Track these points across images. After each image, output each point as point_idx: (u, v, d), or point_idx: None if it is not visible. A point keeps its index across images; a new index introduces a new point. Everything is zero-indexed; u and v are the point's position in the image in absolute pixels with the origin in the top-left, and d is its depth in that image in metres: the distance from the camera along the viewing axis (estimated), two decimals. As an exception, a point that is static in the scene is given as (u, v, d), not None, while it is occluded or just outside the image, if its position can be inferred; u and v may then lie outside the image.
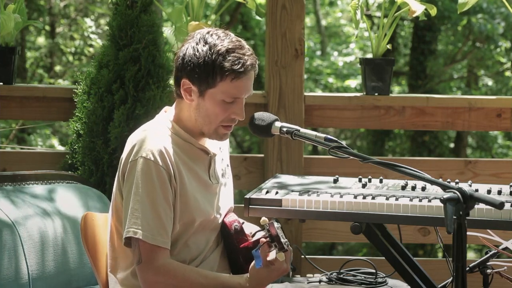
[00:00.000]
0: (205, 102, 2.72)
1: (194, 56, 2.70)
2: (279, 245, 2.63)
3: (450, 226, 2.25)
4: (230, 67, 2.67)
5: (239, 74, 2.68)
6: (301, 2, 4.35)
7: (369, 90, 4.34)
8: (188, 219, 2.74)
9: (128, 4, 4.01)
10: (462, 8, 4.20)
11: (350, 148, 2.64)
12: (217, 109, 2.72)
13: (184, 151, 2.76)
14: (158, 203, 2.66)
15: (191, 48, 2.71)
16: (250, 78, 2.74)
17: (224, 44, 2.69)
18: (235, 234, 2.86)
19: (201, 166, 2.81)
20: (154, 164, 2.66)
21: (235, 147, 13.18)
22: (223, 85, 2.69)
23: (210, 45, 2.69)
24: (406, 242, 4.05)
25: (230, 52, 2.69)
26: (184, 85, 2.73)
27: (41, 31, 11.38)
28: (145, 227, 2.65)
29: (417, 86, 11.41)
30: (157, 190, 2.66)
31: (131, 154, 2.71)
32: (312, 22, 13.88)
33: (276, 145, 4.31)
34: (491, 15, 11.24)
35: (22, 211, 3.19)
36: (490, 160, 4.93)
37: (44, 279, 3.14)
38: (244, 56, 2.70)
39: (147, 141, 2.70)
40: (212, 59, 2.68)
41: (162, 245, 2.67)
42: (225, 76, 2.68)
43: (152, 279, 2.67)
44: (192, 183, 2.76)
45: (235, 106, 2.74)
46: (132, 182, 2.68)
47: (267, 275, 2.70)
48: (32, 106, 4.31)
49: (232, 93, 2.71)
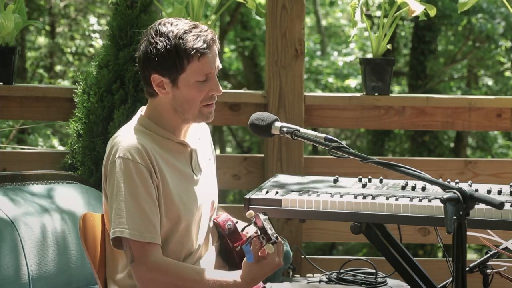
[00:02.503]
0: (180, 89, 2.72)
1: (155, 49, 2.69)
2: (266, 236, 2.62)
3: (450, 226, 2.25)
4: (193, 47, 2.67)
5: (204, 51, 2.68)
6: (301, 2, 4.35)
7: (369, 90, 4.34)
8: (173, 214, 2.73)
9: (128, 4, 4.01)
10: (463, 8, 4.21)
11: (350, 148, 2.64)
12: (194, 92, 2.72)
13: (163, 147, 2.76)
14: (141, 200, 2.66)
15: (149, 43, 2.71)
16: (215, 52, 2.74)
17: (179, 28, 2.69)
18: (228, 233, 2.86)
19: (182, 160, 2.80)
20: (132, 163, 2.66)
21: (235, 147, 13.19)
22: (192, 66, 2.69)
23: (166, 34, 2.69)
24: (406, 242, 4.05)
25: (188, 33, 2.69)
26: (154, 80, 2.72)
27: (41, 31, 11.38)
28: (131, 225, 2.64)
29: (417, 86, 11.41)
30: (139, 188, 2.66)
31: (110, 156, 2.71)
32: (312, 22, 13.89)
33: (276, 145, 4.31)
34: (491, 15, 11.25)
35: (22, 211, 3.19)
36: (490, 160, 4.94)
37: (44, 279, 3.14)
38: (202, 32, 2.70)
39: (123, 141, 2.70)
40: (174, 45, 2.67)
41: (151, 241, 2.65)
42: (191, 57, 2.68)
43: (146, 276, 2.66)
44: (174, 178, 2.75)
45: (209, 83, 2.73)
46: (113, 184, 2.67)
47: (259, 269, 2.69)
48: (32, 106, 4.31)
49: (203, 70, 2.70)
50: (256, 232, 2.64)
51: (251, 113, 2.85)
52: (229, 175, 4.34)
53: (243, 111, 4.34)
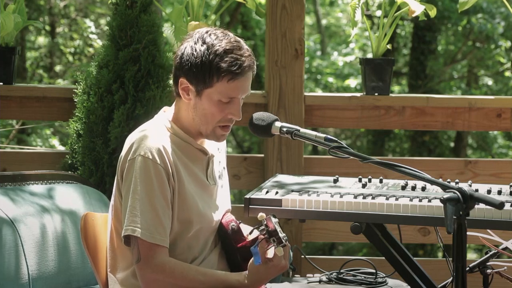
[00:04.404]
0: (202, 101, 2.73)
1: (192, 56, 2.70)
2: (277, 239, 2.63)
3: (450, 226, 2.25)
4: (227, 68, 2.68)
5: (235, 75, 2.69)
6: (301, 2, 4.35)
7: (369, 90, 4.34)
8: (185, 218, 2.74)
9: (128, 4, 4.01)
10: (463, 7, 4.21)
11: (350, 148, 2.64)
12: (214, 109, 2.73)
13: (183, 151, 2.77)
14: (156, 202, 2.67)
15: (189, 48, 2.72)
16: (248, 79, 2.74)
17: (222, 45, 2.69)
18: (232, 234, 2.86)
19: (199, 166, 2.81)
20: (152, 163, 2.67)
21: (235, 147, 13.18)
22: (220, 86, 2.70)
23: (208, 45, 2.69)
24: (406, 242, 4.05)
25: (228, 52, 2.69)
26: (181, 84, 2.74)
27: (41, 31, 11.38)
28: (144, 225, 2.65)
29: (417, 86, 11.41)
30: (155, 189, 2.67)
31: (129, 153, 2.71)
32: (312, 22, 13.88)
33: (276, 145, 4.31)
34: (491, 15, 11.25)
35: (22, 211, 3.19)
36: (490, 160, 4.93)
37: (44, 279, 3.14)
38: (242, 57, 2.70)
39: (145, 140, 2.70)
40: (209, 59, 2.68)
41: (160, 243, 2.67)
42: (222, 77, 2.68)
43: (151, 277, 2.67)
44: (191, 183, 2.76)
45: (231, 106, 2.74)
46: (130, 181, 2.68)
47: (265, 271, 2.70)
48: (32, 106, 4.31)
49: (228, 93, 2.71)
50: (264, 234, 2.64)
51: (251, 113, 2.86)
52: (229, 175, 4.33)
53: (243, 111, 4.26)
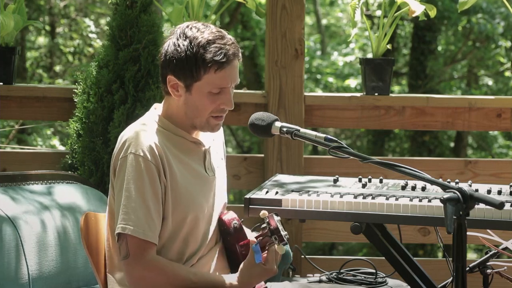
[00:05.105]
0: (193, 96, 2.73)
1: (176, 52, 2.70)
2: (279, 237, 2.64)
3: (450, 226, 2.25)
4: (212, 58, 2.67)
5: (222, 64, 2.69)
6: (301, 2, 4.35)
7: (369, 90, 4.34)
8: (180, 214, 2.74)
9: (128, 4, 4.01)
10: (463, 7, 4.21)
11: (350, 148, 2.64)
12: (205, 101, 2.73)
13: (176, 146, 2.76)
14: (148, 199, 2.67)
15: (172, 44, 2.72)
16: (234, 67, 2.73)
17: (204, 36, 2.69)
18: (234, 232, 2.86)
19: (195, 159, 2.81)
20: (143, 160, 2.67)
21: (235, 147, 13.18)
22: (208, 77, 2.69)
23: (190, 39, 2.69)
24: (406, 242, 4.05)
25: (211, 43, 2.69)
26: (170, 81, 2.74)
27: (41, 31, 11.38)
28: (136, 222, 2.65)
29: (417, 86, 11.41)
30: (147, 186, 2.67)
31: (121, 151, 2.72)
32: (312, 22, 13.88)
33: (276, 145, 4.31)
34: (491, 15, 11.24)
35: (22, 210, 3.19)
36: (490, 160, 4.93)
37: (44, 279, 3.14)
38: (226, 45, 2.70)
39: (137, 137, 2.71)
40: (193, 52, 2.68)
41: (151, 240, 2.67)
42: (208, 68, 2.68)
43: (139, 274, 2.67)
44: (186, 175, 2.76)
45: (222, 96, 2.74)
46: (122, 179, 2.69)
47: (258, 273, 2.71)
48: (32, 106, 4.31)
49: (217, 83, 2.71)
50: (266, 232, 2.65)
51: (251, 113, 2.85)
52: (229, 175, 4.33)
53: (243, 111, 4.34)
